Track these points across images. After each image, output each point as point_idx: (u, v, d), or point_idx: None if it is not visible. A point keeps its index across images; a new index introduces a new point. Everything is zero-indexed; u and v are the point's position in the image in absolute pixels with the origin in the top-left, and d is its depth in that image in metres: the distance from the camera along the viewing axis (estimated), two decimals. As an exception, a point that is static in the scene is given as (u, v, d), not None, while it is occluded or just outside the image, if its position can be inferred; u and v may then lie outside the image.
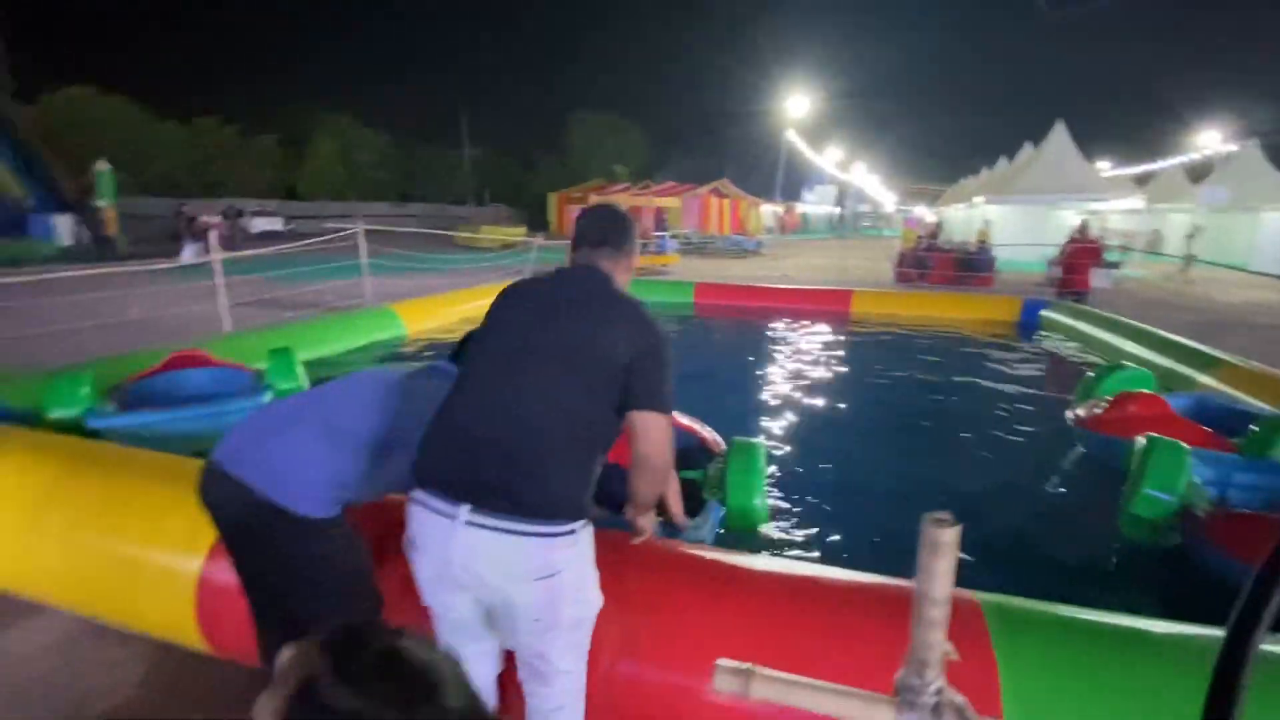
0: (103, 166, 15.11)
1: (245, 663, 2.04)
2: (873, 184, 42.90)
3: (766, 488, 2.99)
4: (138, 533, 2.12)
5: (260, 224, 18.29)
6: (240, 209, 17.96)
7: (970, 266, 12.80)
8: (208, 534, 1.97)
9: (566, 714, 1.40)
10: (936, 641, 0.68)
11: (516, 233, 20.41)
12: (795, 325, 8.81)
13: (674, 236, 18.46)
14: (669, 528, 2.68)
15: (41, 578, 2.32)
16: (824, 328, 8.69)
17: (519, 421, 1.32)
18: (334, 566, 1.54)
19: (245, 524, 1.55)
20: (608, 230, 1.57)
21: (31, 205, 14.29)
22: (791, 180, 35.25)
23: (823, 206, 36.52)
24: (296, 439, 1.55)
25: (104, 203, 14.98)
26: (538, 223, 26.49)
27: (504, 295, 1.55)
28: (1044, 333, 8.51)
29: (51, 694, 2.08)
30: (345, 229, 9.28)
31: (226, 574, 1.88)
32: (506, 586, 1.25)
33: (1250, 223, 18.21)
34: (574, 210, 21.50)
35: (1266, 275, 14.12)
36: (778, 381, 6.09)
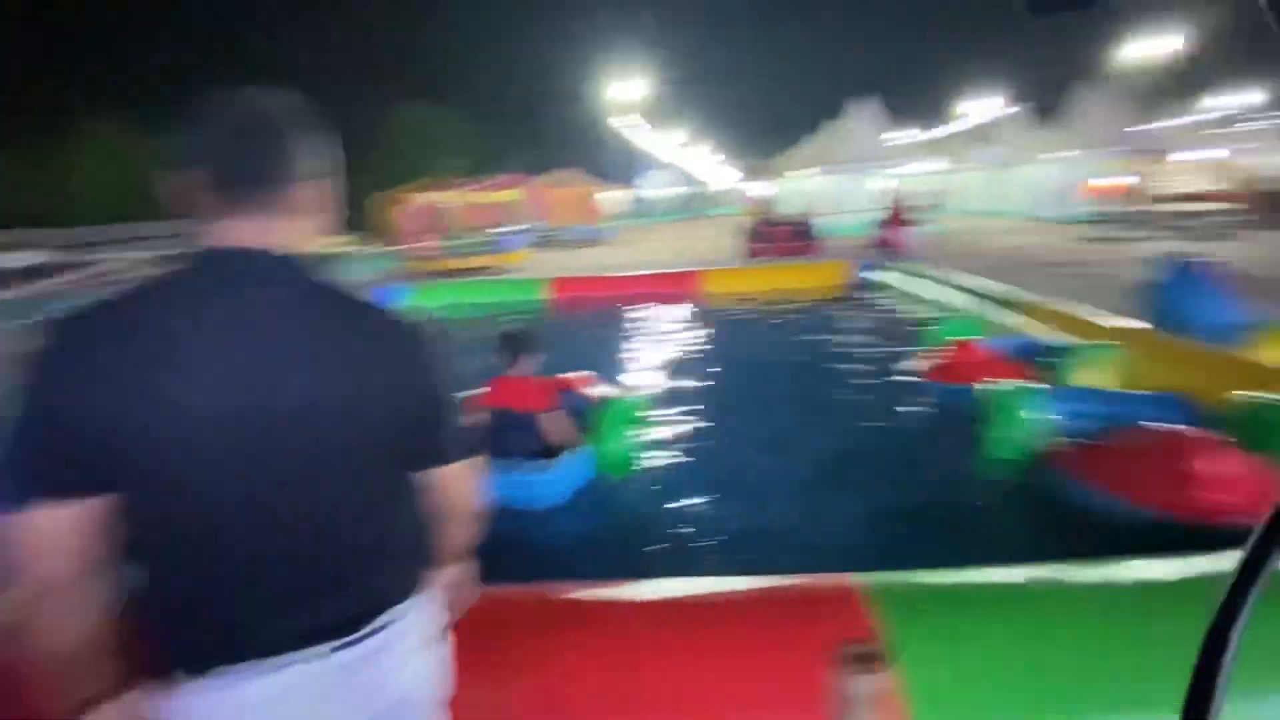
0: None
1: None
2: (713, 163, 44.01)
3: (635, 441, 3.51)
4: None
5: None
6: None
7: (801, 236, 13.48)
8: None
9: None
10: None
11: (337, 243, 13.87)
12: (650, 309, 9.00)
13: (521, 232, 17.80)
14: (522, 469, 2.99)
15: None
16: (679, 308, 8.93)
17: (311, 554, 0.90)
18: None
19: None
20: (268, 154, 0.82)
21: None
22: (629, 164, 35.34)
23: (664, 189, 37.18)
24: None
25: None
26: (357, 229, 21.17)
27: (132, 344, 0.76)
28: (872, 292, 9.18)
29: None
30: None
31: None
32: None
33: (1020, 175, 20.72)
34: (400, 213, 19.28)
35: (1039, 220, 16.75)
36: (639, 364, 6.17)
